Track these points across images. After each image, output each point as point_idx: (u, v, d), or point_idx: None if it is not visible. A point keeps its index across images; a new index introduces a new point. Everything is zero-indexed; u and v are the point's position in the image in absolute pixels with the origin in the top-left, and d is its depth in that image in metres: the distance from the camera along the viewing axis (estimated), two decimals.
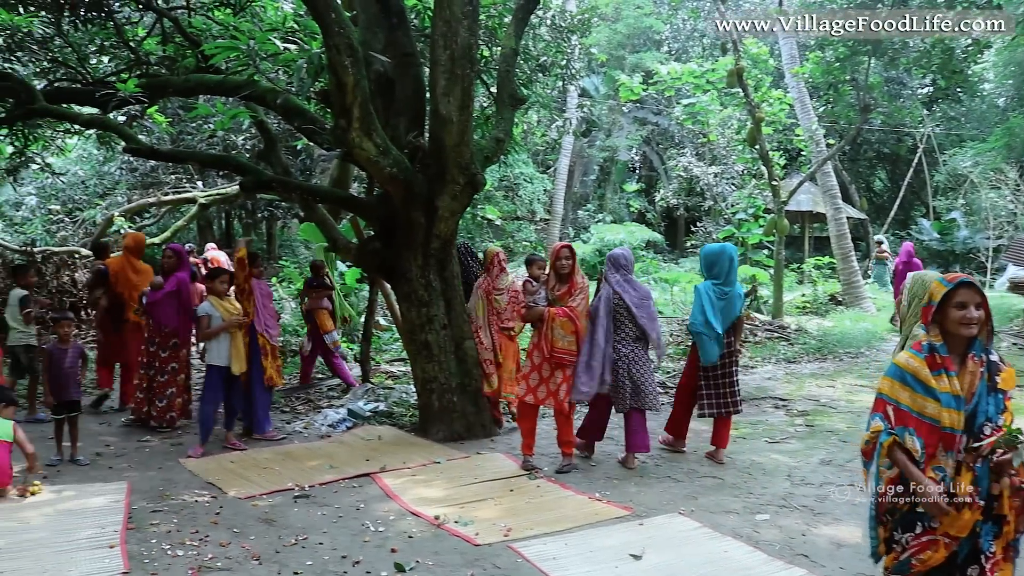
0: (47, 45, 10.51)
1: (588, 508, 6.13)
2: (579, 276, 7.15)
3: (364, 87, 7.00)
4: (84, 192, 21.32)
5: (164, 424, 8.48)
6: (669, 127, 30.15)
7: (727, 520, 5.85)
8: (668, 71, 17.70)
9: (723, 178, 24.49)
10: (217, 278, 7.86)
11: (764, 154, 15.58)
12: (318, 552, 5.28)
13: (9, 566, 4.97)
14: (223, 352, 7.68)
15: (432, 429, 8.04)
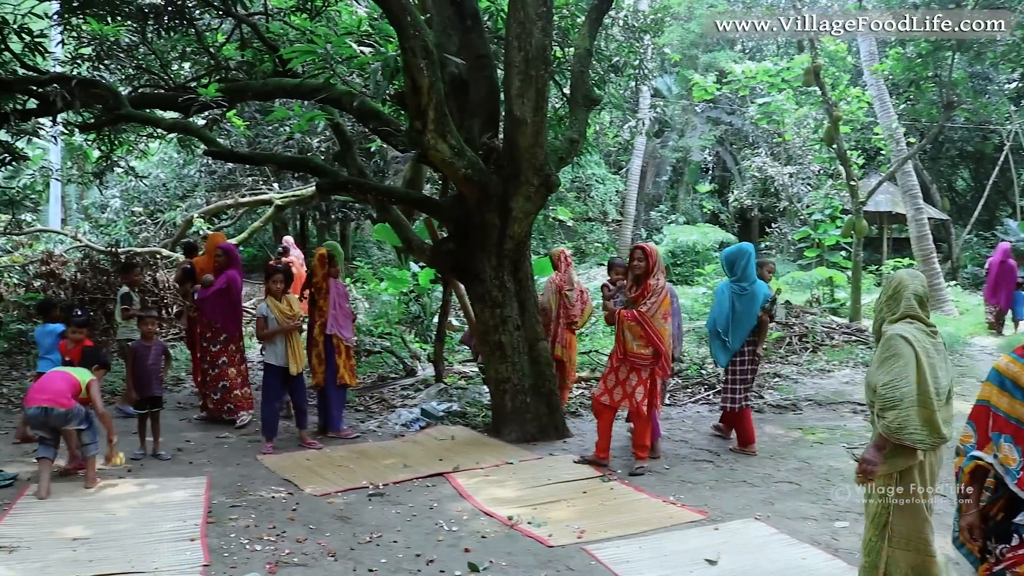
0: (132, 53, 10.83)
1: (662, 511, 6.08)
2: (654, 278, 7.05)
3: (439, 89, 7.04)
4: (165, 194, 21.88)
5: (223, 416, 8.71)
6: (743, 127, 29.72)
7: (805, 527, 5.74)
8: (742, 70, 17.44)
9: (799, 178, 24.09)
10: (271, 279, 7.97)
11: (842, 153, 15.25)
12: (392, 550, 5.33)
13: (97, 555, 5.14)
14: (280, 352, 7.80)
15: (505, 430, 8.06)
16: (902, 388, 4.03)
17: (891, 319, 4.30)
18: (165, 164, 22.61)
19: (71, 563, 5.02)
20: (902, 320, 4.25)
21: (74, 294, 12.86)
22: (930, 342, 4.19)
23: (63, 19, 9.82)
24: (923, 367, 4.06)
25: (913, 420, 4.01)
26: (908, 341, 4.10)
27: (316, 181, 8.93)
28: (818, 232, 18.73)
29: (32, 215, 19.88)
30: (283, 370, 7.78)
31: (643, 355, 7.00)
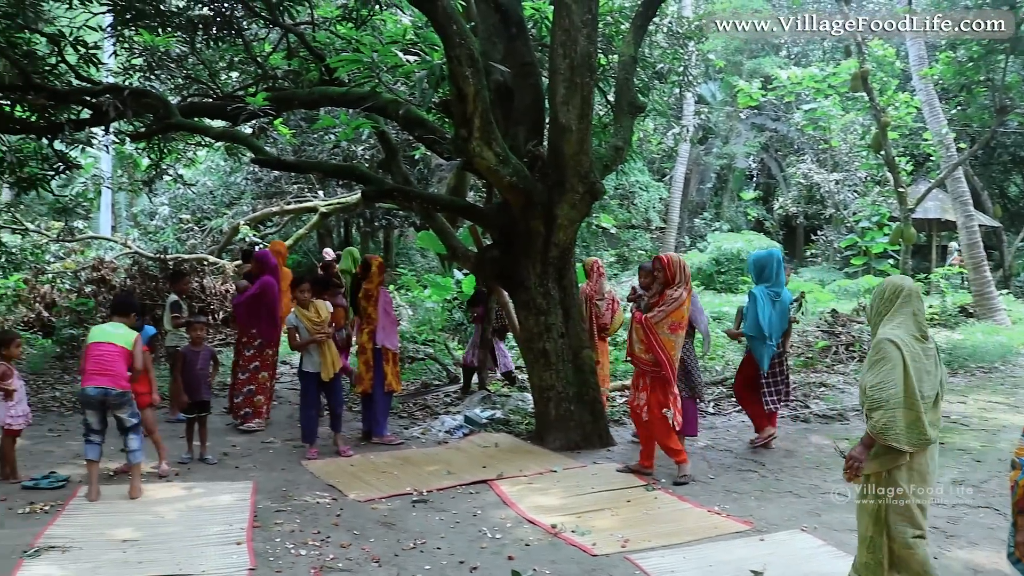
0: (182, 63, 11.03)
1: (707, 521, 6.01)
2: (674, 289, 6.98)
3: (484, 97, 7.07)
4: (212, 202, 22.20)
5: (238, 420, 8.78)
6: (788, 133, 29.47)
7: (853, 539, 5.60)
8: (788, 76, 17.32)
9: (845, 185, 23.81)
10: (299, 287, 7.99)
11: (890, 160, 15.05)
12: (436, 557, 5.33)
13: (146, 557, 5.21)
14: (314, 359, 7.85)
15: (549, 437, 8.04)
16: (888, 390, 4.20)
17: (885, 323, 4.46)
18: (212, 172, 22.95)
19: (121, 564, 5.10)
20: (895, 324, 4.40)
21: None
22: (920, 347, 4.34)
23: (116, 31, 10.02)
24: (910, 371, 4.22)
25: (898, 421, 4.18)
26: (896, 345, 4.27)
27: (362, 189, 8.99)
28: (865, 239, 18.51)
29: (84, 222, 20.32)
30: (319, 376, 7.84)
31: (644, 360, 7.01)
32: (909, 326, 4.39)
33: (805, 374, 11.46)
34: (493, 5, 8.40)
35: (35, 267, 15.25)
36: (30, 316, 13.20)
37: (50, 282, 14.24)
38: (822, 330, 13.67)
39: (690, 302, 7.15)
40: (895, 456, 4.29)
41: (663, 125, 22.00)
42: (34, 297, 13.62)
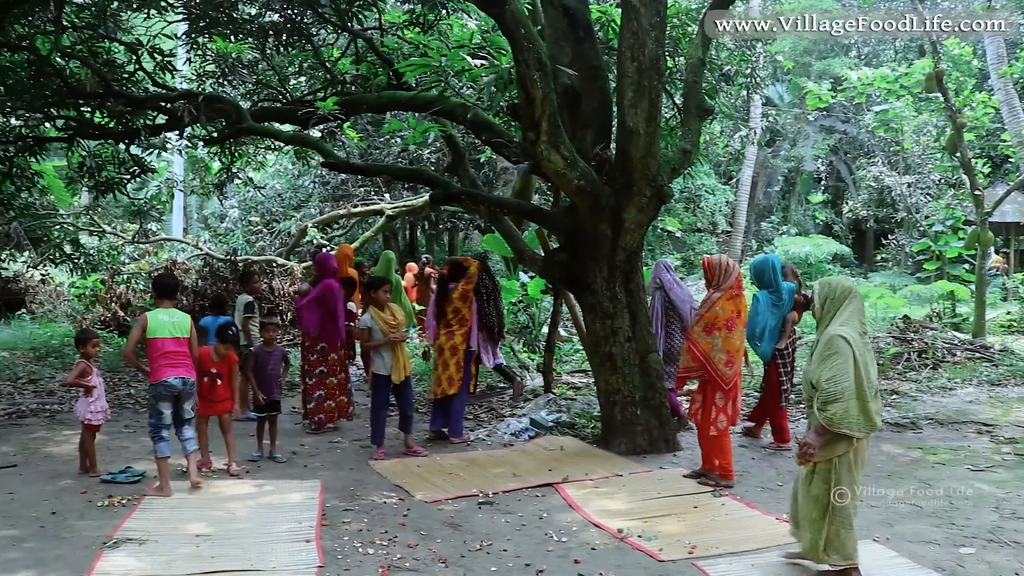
0: (253, 69, 11.25)
1: (775, 529, 5.91)
2: (712, 289, 7.05)
3: (552, 100, 7.07)
4: (280, 204, 22.58)
5: (312, 426, 8.85)
6: (859, 135, 28.94)
7: (927, 551, 5.50)
8: (858, 76, 16.96)
9: (918, 188, 23.28)
10: (380, 288, 8.03)
11: (966, 162, 14.63)
12: (502, 559, 5.35)
13: (218, 552, 5.33)
14: (385, 362, 7.90)
15: (614, 441, 8.00)
16: (843, 383, 4.69)
17: (835, 320, 4.91)
18: (280, 175, 23.34)
19: (194, 558, 5.21)
20: (843, 321, 4.88)
21: (195, 300, 13.37)
22: (863, 342, 4.83)
23: (190, 39, 10.27)
24: (860, 364, 4.72)
25: (852, 411, 4.68)
26: (847, 341, 4.76)
27: (429, 192, 9.08)
28: (938, 244, 18.03)
29: (157, 224, 20.81)
30: (390, 378, 7.88)
31: (687, 365, 7.05)
32: (855, 323, 4.90)
33: None
34: (560, 9, 8.40)
35: (111, 268, 15.66)
36: (106, 315, 13.57)
37: (125, 282, 14.62)
38: (893, 336, 13.36)
39: (733, 304, 7.02)
40: (844, 444, 4.79)
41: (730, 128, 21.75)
42: (110, 297, 13.99)
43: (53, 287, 18.18)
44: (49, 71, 9.07)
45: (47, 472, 7.12)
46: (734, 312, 7.01)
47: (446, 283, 8.64)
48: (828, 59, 30.37)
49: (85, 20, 9.73)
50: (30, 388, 10.66)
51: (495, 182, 16.83)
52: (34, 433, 8.48)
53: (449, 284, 8.58)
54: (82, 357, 7.10)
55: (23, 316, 16.33)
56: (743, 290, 7.21)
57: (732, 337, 6.97)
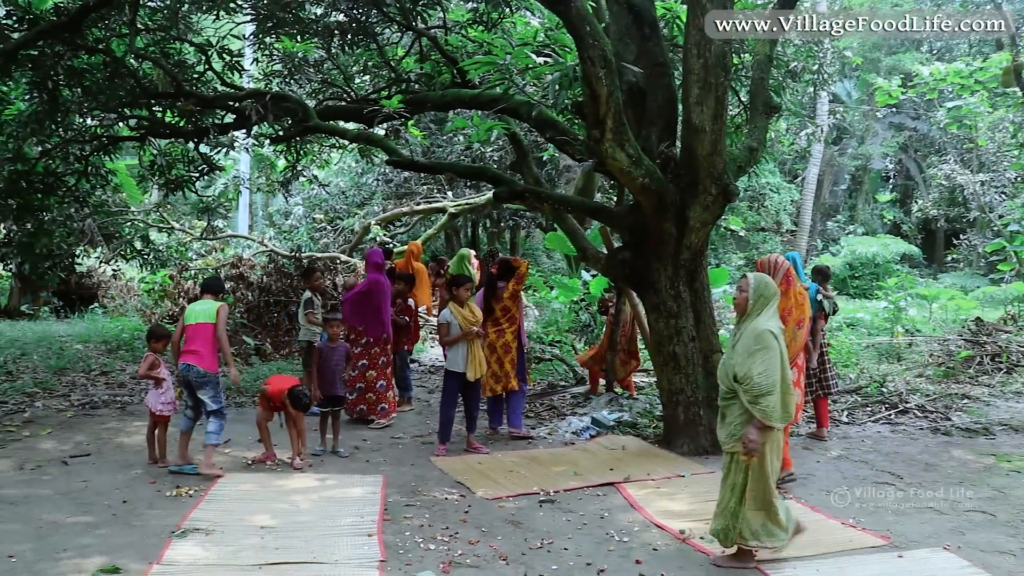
0: (319, 68, 11.39)
1: (841, 534, 5.81)
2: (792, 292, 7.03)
3: (617, 98, 7.03)
4: (344, 202, 22.85)
5: (354, 416, 8.91)
6: (929, 132, 28.28)
7: (1002, 561, 5.34)
8: (930, 72, 16.53)
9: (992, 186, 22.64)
10: (462, 286, 8.05)
11: None
12: (563, 557, 5.34)
13: (283, 543, 5.41)
14: (459, 359, 7.91)
15: (677, 442, 7.93)
16: (773, 376, 4.96)
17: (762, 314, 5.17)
18: (344, 173, 23.62)
19: (260, 549, 5.30)
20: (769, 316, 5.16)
21: (260, 296, 13.59)
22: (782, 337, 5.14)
23: (257, 39, 10.44)
24: (785, 358, 5.04)
25: (778, 403, 4.98)
26: (775, 336, 5.06)
27: (493, 190, 9.09)
28: (1014, 244, 17.47)
29: (223, 221, 21.21)
30: (462, 376, 7.91)
31: None
32: (776, 319, 5.25)
33: (945, 384, 10.94)
34: (625, 5, 8.35)
35: (180, 264, 15.99)
36: (174, 310, 13.83)
37: (192, 278, 14.89)
38: (965, 339, 13.01)
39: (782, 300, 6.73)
40: (768, 433, 5.05)
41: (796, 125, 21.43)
42: (178, 292, 14.27)
43: (124, 282, 18.68)
44: (123, 72, 9.28)
45: (118, 461, 7.31)
46: (785, 309, 6.88)
47: (495, 282, 8.70)
48: (898, 54, 29.72)
49: (158, 22, 9.96)
50: (102, 380, 10.94)
51: (557, 180, 16.84)
52: (106, 423, 8.70)
53: (499, 283, 8.64)
54: (151, 351, 7.27)
55: (95, 310, 16.79)
56: (791, 286, 7.05)
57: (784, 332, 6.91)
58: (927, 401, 9.96)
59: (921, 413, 9.56)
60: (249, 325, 12.95)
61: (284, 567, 5.04)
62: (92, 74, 9.55)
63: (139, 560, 5.08)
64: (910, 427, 9.11)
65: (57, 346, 12.53)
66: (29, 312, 17.04)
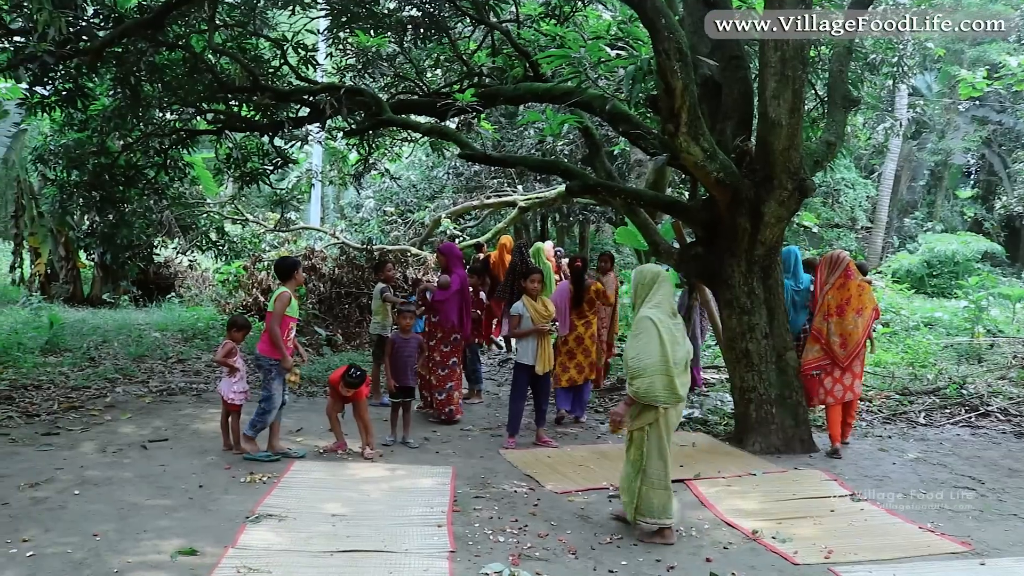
0: (392, 62, 11.49)
1: (919, 539, 5.67)
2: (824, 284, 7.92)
3: (692, 91, 6.95)
4: (414, 195, 23.03)
5: (443, 417, 8.83)
6: (1015, 126, 27.34)
7: None
8: (1018, 63, 15.94)
9: None
10: (529, 278, 8.03)
11: None
12: (632, 553, 5.31)
13: (353, 531, 5.48)
14: (529, 352, 7.91)
15: (748, 440, 7.83)
16: (645, 360, 5.35)
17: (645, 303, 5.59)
18: (415, 166, 23.79)
19: (331, 536, 5.37)
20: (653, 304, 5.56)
21: (332, 287, 13.76)
22: (672, 323, 5.51)
23: (331, 34, 10.56)
24: (664, 342, 5.35)
25: (657, 384, 5.33)
26: (653, 322, 5.43)
27: (566, 183, 9.07)
28: None
29: (296, 214, 21.57)
30: (531, 369, 7.90)
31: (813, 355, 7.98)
32: (663, 306, 5.58)
33: None
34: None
35: (253, 255, 16.27)
36: (248, 300, 14.08)
37: (266, 269, 15.15)
38: None
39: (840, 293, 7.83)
40: (652, 414, 5.43)
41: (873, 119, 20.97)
42: (252, 283, 14.51)
43: (199, 272, 19.13)
44: (202, 67, 9.49)
45: (194, 447, 7.48)
46: (843, 300, 7.80)
47: (582, 275, 8.70)
48: (983, 45, 28.80)
49: (235, 18, 10.15)
50: (179, 367, 11.21)
51: (628, 174, 16.71)
52: (183, 410, 8.91)
53: (586, 276, 8.70)
54: (230, 339, 7.42)
55: (172, 299, 17.22)
56: (849, 279, 7.82)
57: (843, 322, 7.79)
58: (1010, 404, 9.66)
59: (1004, 416, 9.27)
60: (321, 316, 13.12)
61: (355, 555, 5.10)
62: (172, 70, 9.79)
63: (215, 543, 5.18)
64: (992, 431, 8.85)
65: (136, 334, 12.86)
66: (110, 300, 17.56)
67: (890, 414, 9.35)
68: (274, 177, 13.09)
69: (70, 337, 12.09)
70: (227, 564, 4.86)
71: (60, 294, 17.32)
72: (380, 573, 4.84)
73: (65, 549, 5.02)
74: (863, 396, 9.80)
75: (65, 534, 5.27)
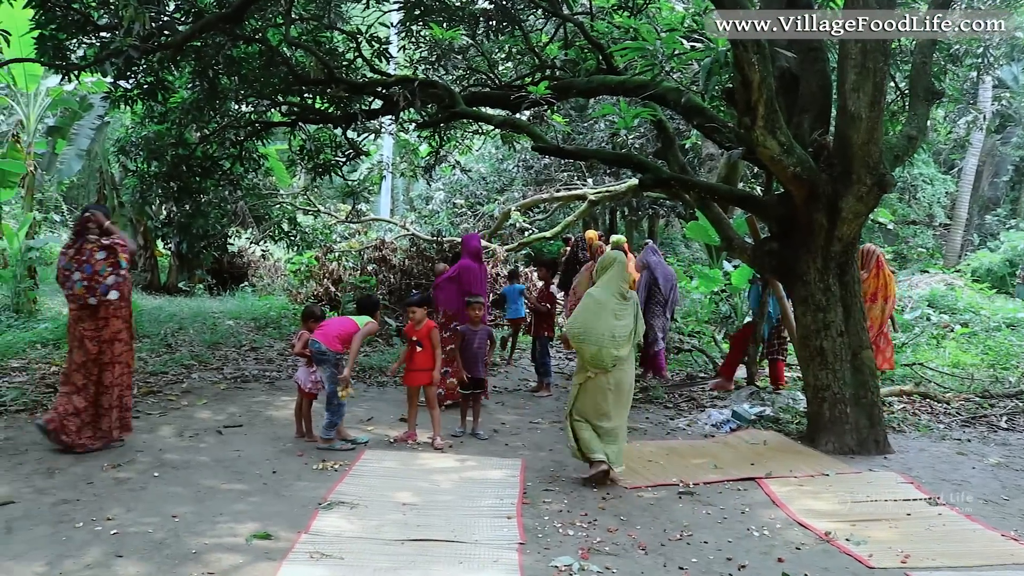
0: (464, 55, 11.52)
1: (1000, 546, 5.49)
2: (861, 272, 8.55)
3: (769, 84, 6.83)
4: (484, 187, 23.10)
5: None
6: None
7: None
8: None
9: None
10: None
11: None
12: (703, 550, 5.25)
13: (424, 521, 5.52)
14: None
15: (821, 439, 7.68)
16: (575, 329, 6.40)
17: (598, 284, 6.54)
18: (485, 159, 23.86)
19: (402, 525, 5.43)
20: (600, 284, 6.50)
21: (402, 278, 13.89)
22: (616, 302, 6.41)
23: (404, 27, 10.64)
24: (597, 318, 6.33)
25: (585, 352, 6.37)
26: (593, 299, 6.43)
27: (639, 177, 9.00)
28: None
29: (366, 205, 21.80)
30: None
31: None
32: (611, 287, 6.45)
33: None
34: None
35: (325, 245, 16.51)
36: (319, 290, 14.31)
37: (337, 259, 15.37)
38: None
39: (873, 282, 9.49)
40: (582, 375, 6.44)
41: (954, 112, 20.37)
42: (323, 273, 14.73)
43: (272, 262, 19.48)
44: (278, 60, 9.63)
45: (268, 434, 7.62)
46: (875, 288, 9.41)
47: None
48: None
49: (311, 12, 10.28)
50: (252, 355, 11.44)
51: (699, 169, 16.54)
52: (256, 397, 9.08)
53: None
54: (306, 329, 7.54)
55: (245, 288, 17.57)
56: (881, 269, 9.53)
57: (874, 308, 9.24)
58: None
59: None
60: (391, 307, 13.25)
61: (425, 544, 5.13)
62: (249, 63, 9.96)
63: (288, 528, 5.28)
64: None
65: (211, 322, 13.16)
66: (186, 289, 18.00)
67: (969, 417, 9.09)
68: (346, 169, 13.24)
69: (148, 324, 12.41)
70: (300, 549, 4.94)
71: (138, 282, 17.80)
72: (450, 563, 4.87)
73: (146, 529, 5.17)
74: (940, 398, 9.64)
75: (146, 514, 5.42)
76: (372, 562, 4.82)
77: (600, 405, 6.39)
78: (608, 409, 6.40)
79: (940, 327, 13.78)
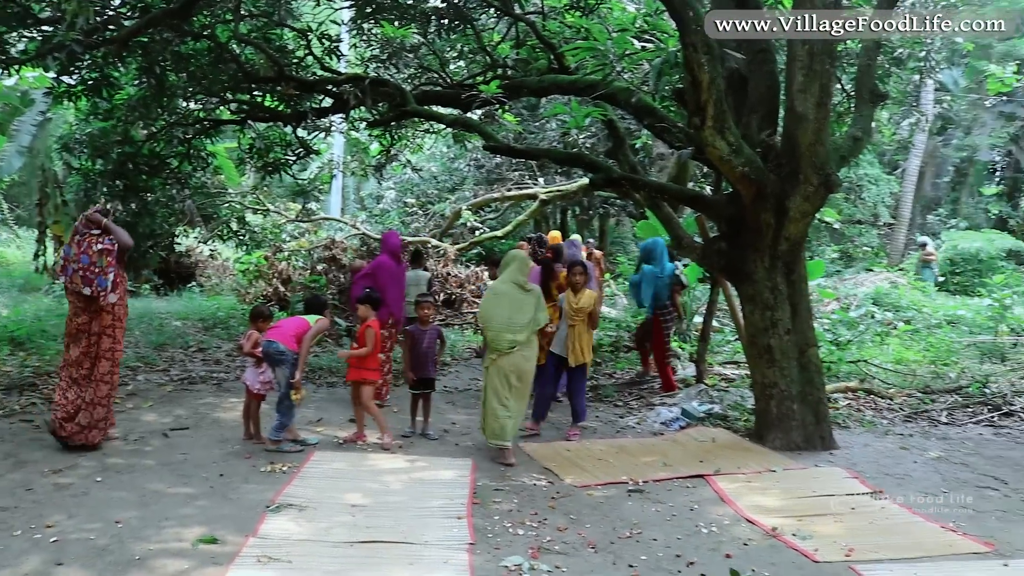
0: (416, 53, 11.47)
1: (941, 538, 5.60)
2: None
3: (719, 84, 6.90)
4: (435, 186, 23.00)
5: None
6: None
7: None
8: None
9: None
10: (572, 270, 8.02)
11: None
12: (652, 548, 5.29)
13: (373, 523, 5.49)
14: (559, 341, 7.94)
15: (768, 436, 7.77)
16: (481, 316, 7.27)
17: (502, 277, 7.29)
18: (436, 158, 23.76)
19: (351, 527, 5.39)
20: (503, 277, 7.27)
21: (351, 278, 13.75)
22: (520, 293, 7.16)
23: (356, 25, 10.56)
24: (496, 306, 7.13)
25: (487, 335, 7.21)
26: (493, 291, 7.30)
27: (589, 176, 9.04)
28: None
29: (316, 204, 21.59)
30: (563, 359, 7.94)
31: None
32: (513, 280, 7.19)
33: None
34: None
35: (274, 245, 16.32)
36: (268, 290, 14.14)
37: (286, 259, 15.21)
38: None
39: None
40: (489, 359, 7.15)
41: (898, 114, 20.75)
42: (272, 273, 14.55)
43: (220, 262, 19.19)
44: (227, 57, 9.50)
45: (215, 436, 7.52)
46: None
47: (552, 265, 8.80)
48: (1013, 40, 28.39)
49: (260, 8, 10.16)
50: (199, 356, 11.27)
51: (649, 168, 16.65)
52: (203, 399, 8.95)
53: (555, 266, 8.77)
54: (255, 330, 7.45)
55: (193, 288, 17.29)
56: None
57: None
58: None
59: None
60: (341, 307, 13.15)
61: (375, 545, 5.11)
62: (197, 59, 9.81)
63: (236, 532, 5.21)
64: (1015, 430, 8.75)
65: (157, 322, 12.94)
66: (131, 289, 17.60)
67: (912, 412, 9.27)
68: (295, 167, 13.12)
69: None
70: (248, 553, 4.88)
71: None
72: (400, 564, 4.85)
73: (88, 535, 5.07)
74: (883, 394, 9.81)
75: (88, 520, 5.32)
76: (321, 565, 4.78)
77: (499, 389, 7.07)
78: (507, 393, 7.09)
79: (884, 324, 14.02)
